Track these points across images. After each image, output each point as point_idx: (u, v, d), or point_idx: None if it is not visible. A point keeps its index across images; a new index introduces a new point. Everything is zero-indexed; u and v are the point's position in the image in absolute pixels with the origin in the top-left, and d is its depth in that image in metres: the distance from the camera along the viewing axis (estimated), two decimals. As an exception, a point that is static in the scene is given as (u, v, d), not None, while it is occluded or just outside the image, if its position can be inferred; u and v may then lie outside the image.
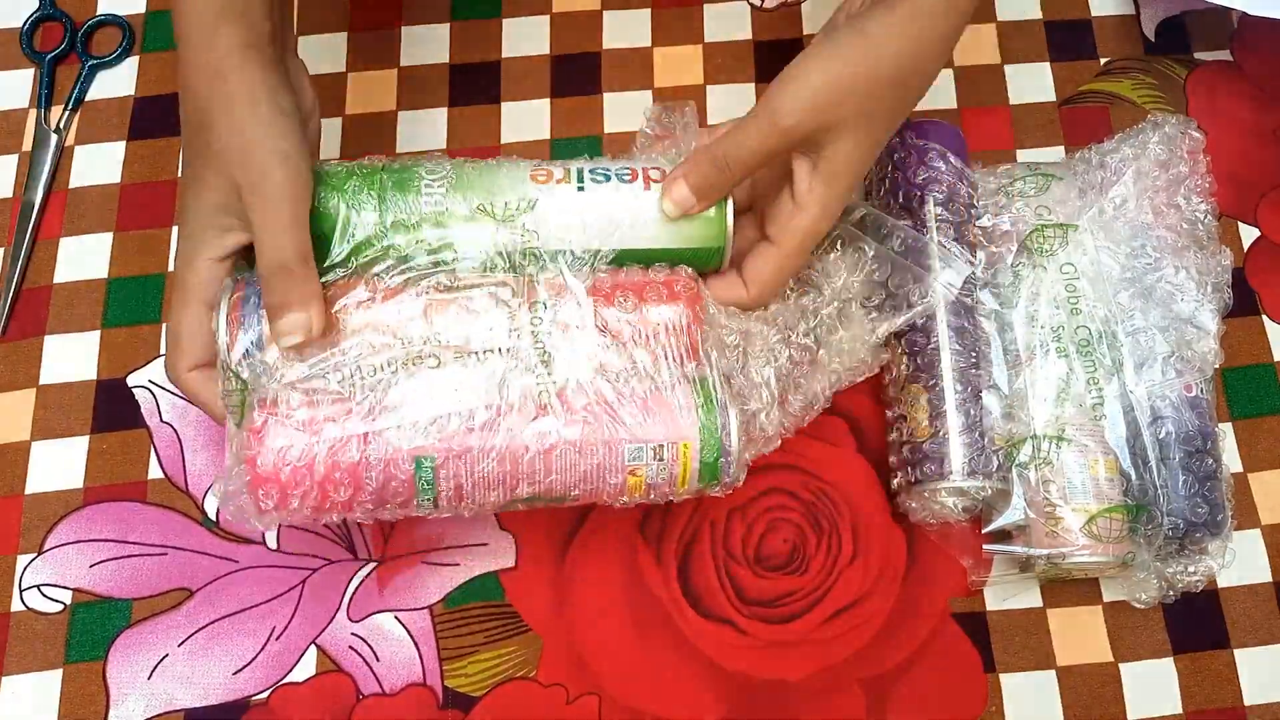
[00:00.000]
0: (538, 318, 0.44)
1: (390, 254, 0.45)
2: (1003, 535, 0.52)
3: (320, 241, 0.44)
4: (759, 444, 0.48)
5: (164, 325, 0.58)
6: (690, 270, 0.47)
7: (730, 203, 0.46)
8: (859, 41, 0.42)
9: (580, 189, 0.47)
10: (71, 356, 0.58)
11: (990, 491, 0.50)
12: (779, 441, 0.48)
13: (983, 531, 0.52)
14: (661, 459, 0.44)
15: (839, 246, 0.51)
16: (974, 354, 0.51)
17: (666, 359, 0.45)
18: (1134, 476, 0.50)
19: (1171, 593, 0.51)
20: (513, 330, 0.44)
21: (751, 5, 0.65)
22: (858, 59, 0.42)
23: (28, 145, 0.63)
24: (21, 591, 0.54)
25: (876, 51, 0.42)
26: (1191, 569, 0.50)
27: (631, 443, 0.44)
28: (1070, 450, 0.50)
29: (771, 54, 0.64)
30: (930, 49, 0.43)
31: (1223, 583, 0.53)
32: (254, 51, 0.43)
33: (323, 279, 0.44)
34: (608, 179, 0.47)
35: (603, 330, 0.45)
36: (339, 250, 0.45)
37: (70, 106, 0.63)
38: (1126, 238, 0.54)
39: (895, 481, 0.52)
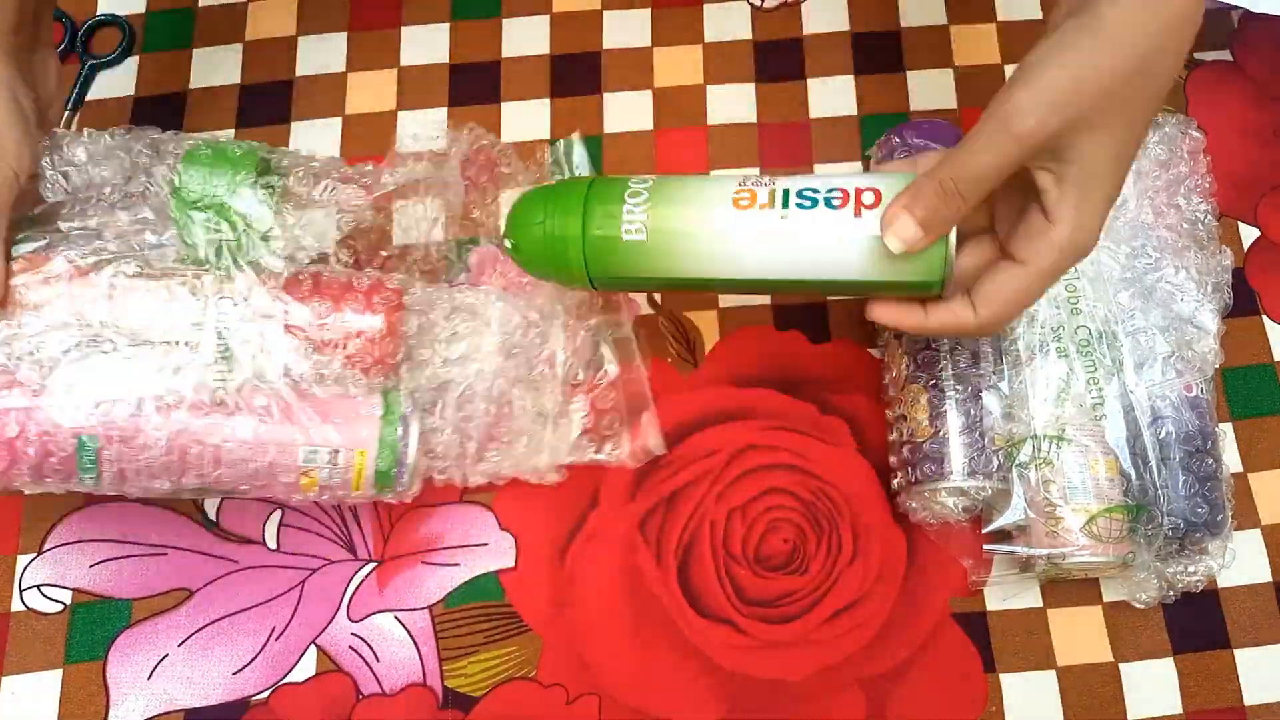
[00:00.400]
0: (224, 313, 0.44)
1: (96, 233, 0.46)
2: (1003, 535, 0.52)
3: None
4: (431, 467, 0.48)
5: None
6: (397, 281, 0.47)
7: (953, 233, 0.41)
8: (1092, 34, 0.37)
9: (784, 216, 0.43)
10: (71, 356, 0.58)
11: (990, 491, 0.50)
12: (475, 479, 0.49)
13: (983, 531, 0.52)
14: (336, 464, 0.45)
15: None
16: (974, 354, 0.51)
17: (353, 366, 0.45)
18: (1134, 476, 0.50)
19: (1171, 593, 0.51)
20: (196, 324, 0.44)
21: (751, 5, 0.65)
22: (1096, 50, 0.37)
23: (27, 145, 0.63)
24: (21, 591, 0.54)
25: (1114, 42, 0.37)
26: (1191, 569, 0.50)
27: (307, 445, 0.45)
28: (1070, 450, 0.50)
29: (771, 54, 0.64)
30: (1171, 31, 0.38)
31: (1223, 583, 0.53)
32: None
33: (25, 248, 0.45)
34: (815, 203, 0.43)
35: (292, 332, 0.45)
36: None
37: (70, 106, 0.63)
38: (1127, 238, 0.54)
39: (895, 481, 0.52)
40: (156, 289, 0.44)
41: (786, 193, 0.43)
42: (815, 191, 0.43)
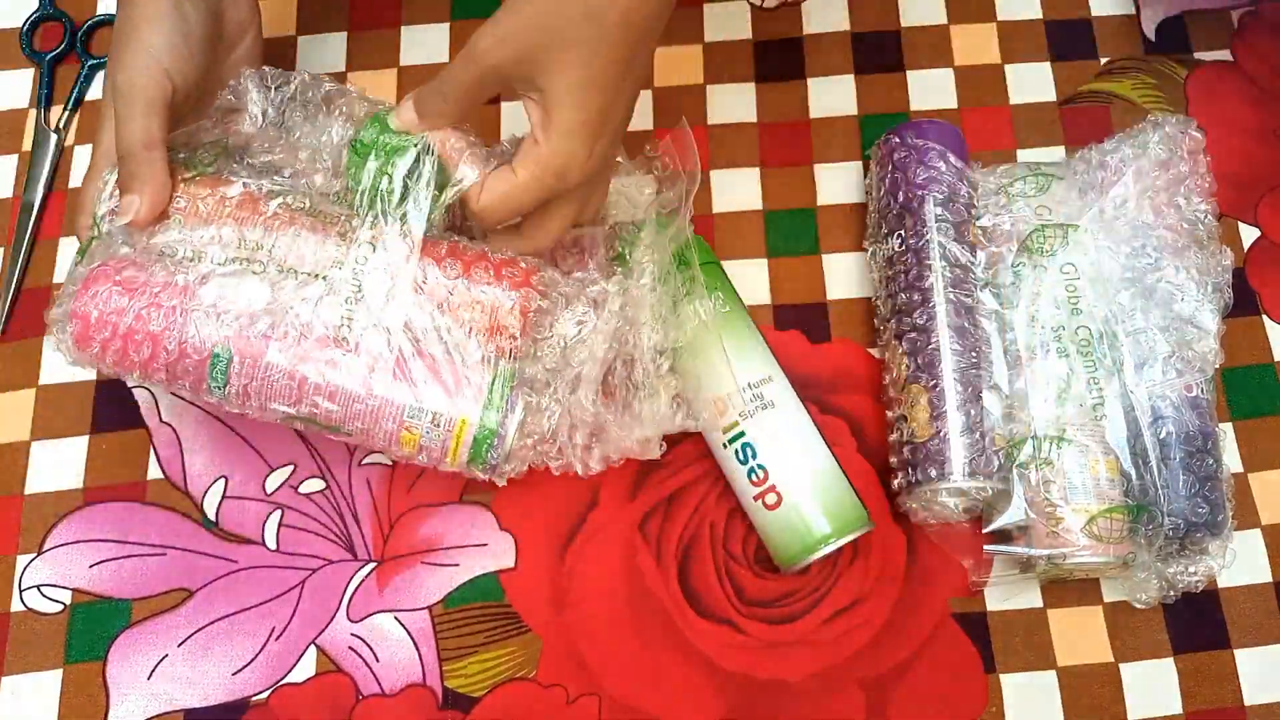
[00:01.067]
0: (363, 258, 0.46)
1: (276, 168, 0.49)
2: (1003, 535, 0.52)
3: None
4: (544, 453, 0.48)
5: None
6: (537, 262, 0.48)
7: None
8: None
9: (725, 445, 0.52)
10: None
11: (991, 492, 0.50)
12: (574, 467, 0.49)
13: (983, 531, 0.52)
14: (438, 425, 0.46)
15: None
16: (974, 354, 0.51)
17: (471, 334, 0.46)
18: (1134, 476, 0.50)
19: (1172, 593, 0.51)
20: (338, 263, 0.46)
21: (751, 5, 0.65)
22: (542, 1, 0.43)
23: (28, 145, 0.63)
24: (21, 591, 0.54)
25: None
26: (1192, 569, 0.50)
27: (413, 402, 0.46)
28: (1071, 450, 0.50)
29: (771, 54, 0.64)
30: None
31: (1223, 583, 0.53)
32: None
33: (217, 170, 0.48)
34: (744, 462, 0.51)
35: (419, 288, 0.46)
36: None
37: (70, 106, 0.63)
38: (1127, 238, 0.54)
39: (895, 482, 0.52)
40: (313, 225, 0.47)
41: (742, 434, 0.51)
42: (751, 456, 0.51)
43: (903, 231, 0.54)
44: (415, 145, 0.46)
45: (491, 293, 0.47)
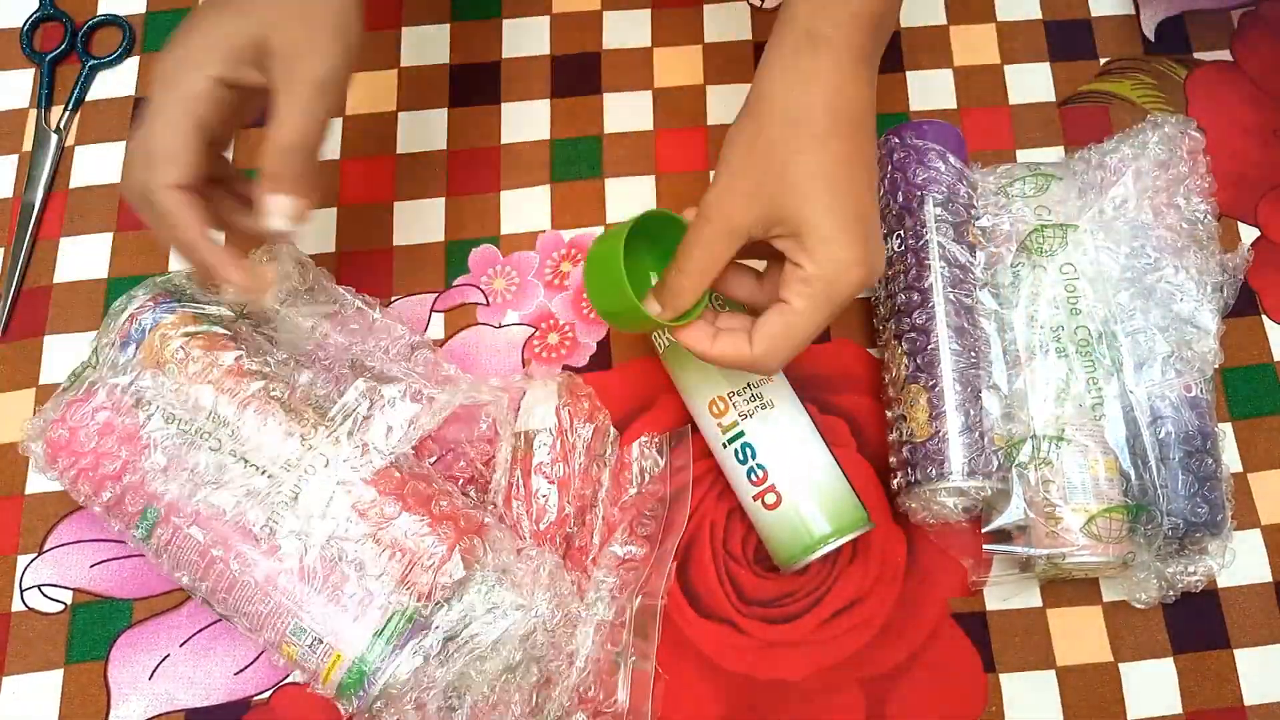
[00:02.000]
0: (311, 466, 0.47)
1: (271, 344, 0.51)
2: (1003, 535, 0.52)
3: None
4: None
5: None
6: (485, 522, 0.48)
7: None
8: (746, 109, 0.43)
9: (724, 446, 0.52)
10: (71, 357, 0.58)
11: (990, 491, 0.50)
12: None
13: (983, 531, 0.52)
14: (314, 650, 0.46)
15: None
16: (974, 354, 0.51)
17: (382, 575, 0.46)
18: (1134, 476, 0.50)
19: (1171, 593, 0.51)
20: (288, 463, 0.47)
21: (751, 5, 0.65)
22: (747, 125, 0.43)
23: (28, 145, 0.63)
24: (22, 591, 0.54)
25: (756, 110, 0.43)
26: (1191, 569, 0.50)
27: (302, 619, 0.46)
28: (1070, 450, 0.50)
29: (771, 54, 0.64)
30: (809, 84, 0.43)
31: (1223, 583, 0.53)
32: None
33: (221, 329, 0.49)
34: (744, 461, 0.51)
35: (358, 512, 0.46)
36: None
37: (70, 106, 0.63)
38: (1126, 238, 0.54)
39: (895, 482, 0.52)
40: (281, 420, 0.47)
41: (741, 434, 0.51)
42: (750, 455, 0.51)
43: (902, 232, 0.54)
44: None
45: (423, 541, 0.46)
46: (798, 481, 0.50)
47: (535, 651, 0.47)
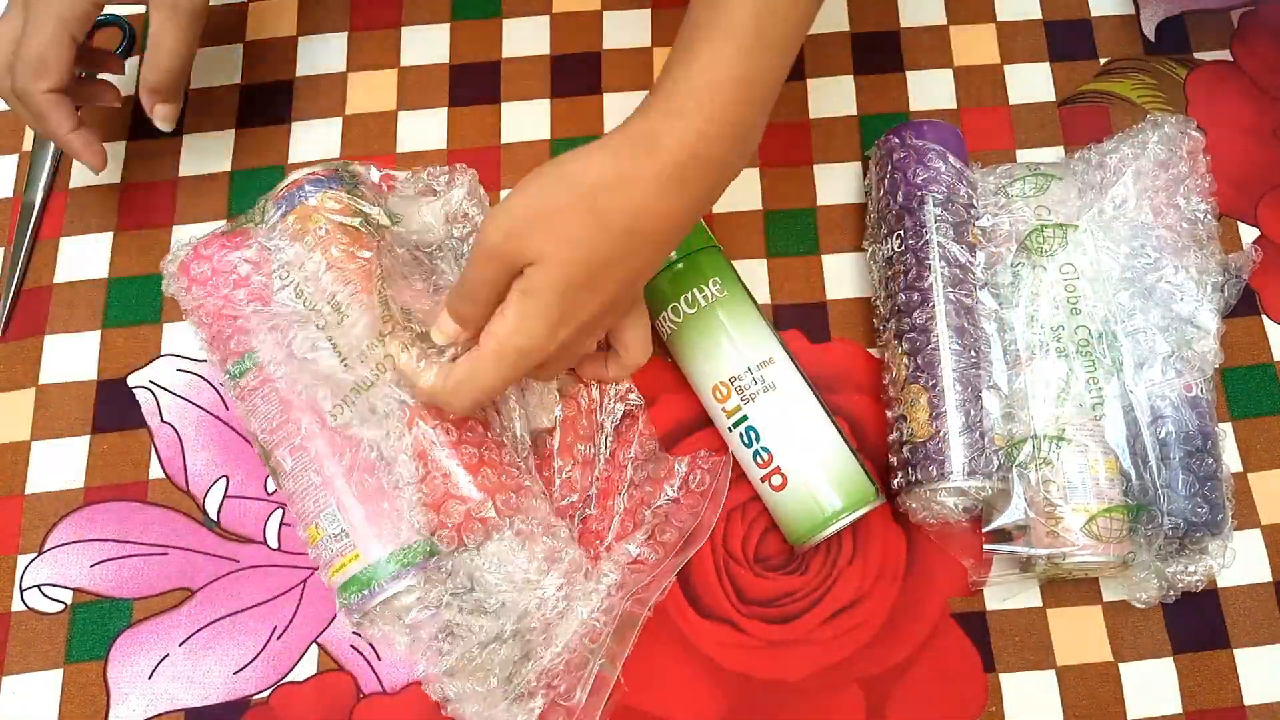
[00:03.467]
0: (383, 367, 0.48)
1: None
2: (1003, 535, 0.52)
3: None
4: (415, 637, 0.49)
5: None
6: (525, 484, 0.49)
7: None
8: (558, 172, 0.42)
9: (729, 430, 0.53)
10: (71, 356, 0.58)
11: (990, 491, 0.50)
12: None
13: (983, 531, 0.52)
14: (337, 542, 0.48)
15: None
16: (974, 354, 0.51)
17: (421, 498, 0.47)
18: (1134, 476, 0.50)
19: (1172, 592, 0.51)
20: (378, 363, 0.48)
21: (751, 5, 0.65)
22: (553, 188, 0.42)
23: (28, 145, 0.63)
24: (22, 591, 0.54)
25: (571, 181, 0.42)
26: (1191, 569, 0.50)
27: (339, 508, 0.48)
28: (1070, 450, 0.50)
29: (771, 54, 0.64)
30: (637, 185, 0.42)
31: (1223, 583, 0.53)
32: None
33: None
34: (749, 445, 0.52)
35: (419, 424, 0.48)
36: None
37: (70, 106, 0.63)
38: (1126, 238, 0.54)
39: (895, 481, 0.52)
40: (383, 320, 0.49)
41: (745, 419, 0.52)
42: (755, 439, 0.51)
43: (902, 232, 0.54)
44: None
45: (459, 475, 0.47)
46: (804, 461, 0.51)
47: (525, 624, 0.48)
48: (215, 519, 0.55)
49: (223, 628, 0.53)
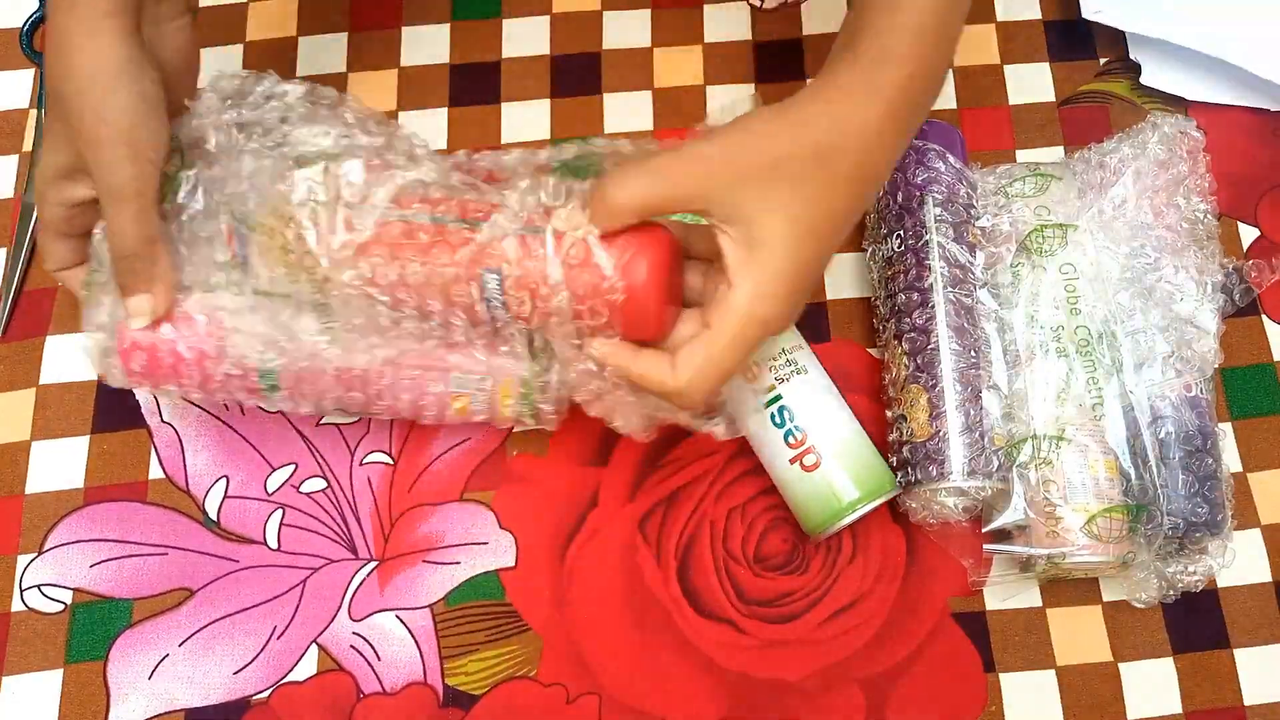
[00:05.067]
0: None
1: None
2: (1003, 535, 0.52)
3: None
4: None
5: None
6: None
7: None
8: (777, 118, 0.41)
9: (759, 410, 0.52)
10: (72, 356, 0.58)
11: (990, 492, 0.50)
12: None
13: (983, 531, 0.52)
14: (483, 390, 0.48)
15: None
16: (974, 354, 0.51)
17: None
18: (1134, 476, 0.50)
19: (1172, 592, 0.51)
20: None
21: (751, 6, 0.65)
22: (775, 133, 0.40)
23: (28, 145, 0.63)
24: (22, 591, 0.54)
25: (786, 118, 0.41)
26: (1191, 569, 0.50)
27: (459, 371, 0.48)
28: (1070, 450, 0.50)
29: (771, 54, 0.64)
30: (853, 131, 0.41)
31: (1223, 583, 0.53)
32: (113, 20, 0.42)
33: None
34: (781, 425, 0.52)
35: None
36: None
37: (71, 107, 0.63)
38: (1126, 238, 0.54)
39: (896, 481, 0.52)
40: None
41: (779, 398, 0.52)
42: (789, 418, 0.51)
43: (902, 232, 0.54)
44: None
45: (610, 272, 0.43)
46: (833, 444, 0.51)
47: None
48: (215, 519, 0.55)
49: (223, 628, 0.53)
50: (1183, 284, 0.53)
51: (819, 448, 0.51)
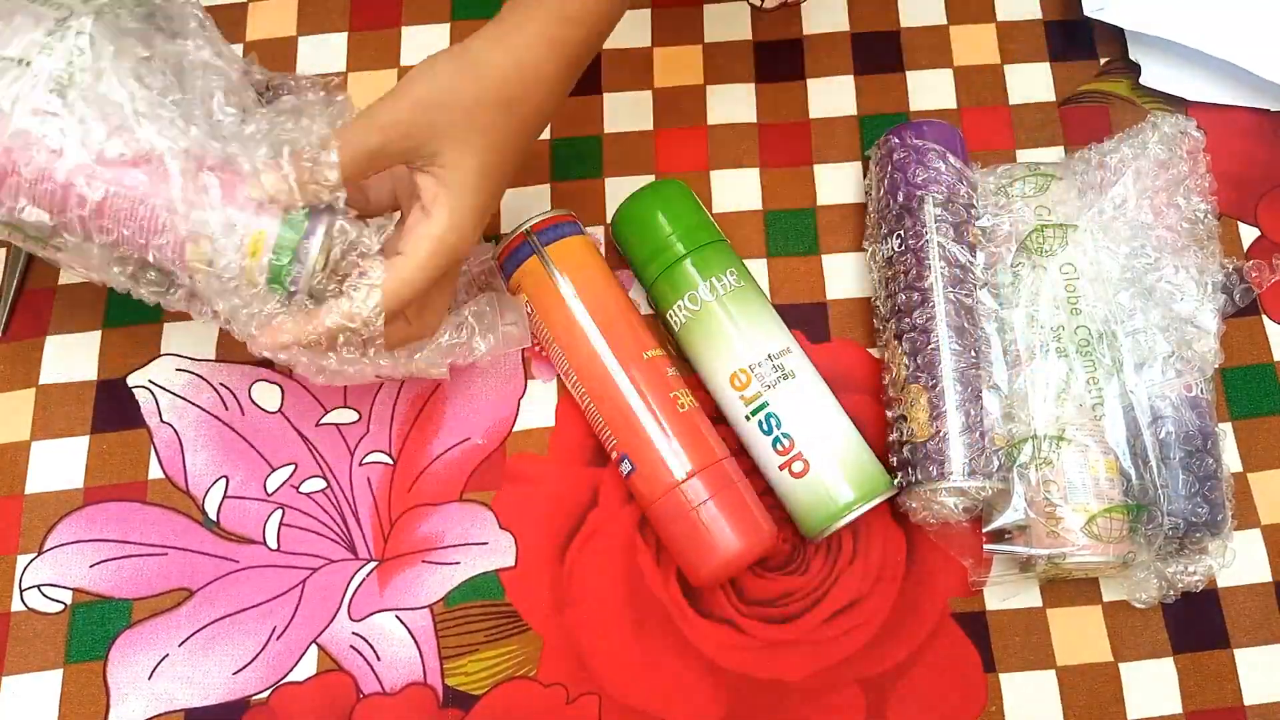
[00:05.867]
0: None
1: None
2: (1002, 535, 0.52)
3: None
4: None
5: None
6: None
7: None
8: (461, 57, 0.45)
9: (747, 419, 0.53)
10: (71, 356, 0.58)
11: (990, 491, 0.50)
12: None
13: (983, 531, 0.52)
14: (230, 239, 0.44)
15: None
16: (974, 354, 0.51)
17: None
18: (1134, 476, 0.50)
19: (1171, 592, 0.51)
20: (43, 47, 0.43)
21: (751, 5, 0.65)
22: (458, 72, 0.44)
23: (28, 145, 0.63)
24: (22, 591, 0.54)
25: (476, 69, 0.45)
26: (1192, 569, 0.50)
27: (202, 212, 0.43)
28: (1070, 450, 0.50)
29: (771, 54, 0.64)
30: (533, 74, 0.45)
31: (1223, 583, 0.53)
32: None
33: None
34: (769, 432, 0.52)
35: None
36: None
37: (70, 106, 0.63)
38: (1126, 238, 0.54)
39: (895, 482, 0.52)
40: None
41: (765, 405, 0.52)
42: (775, 425, 0.52)
43: (902, 232, 0.54)
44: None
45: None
46: (822, 449, 0.51)
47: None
48: (215, 519, 0.55)
49: (222, 628, 0.53)
50: (1183, 284, 0.53)
51: (807, 453, 0.51)
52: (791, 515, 0.52)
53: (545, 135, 0.62)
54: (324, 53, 0.64)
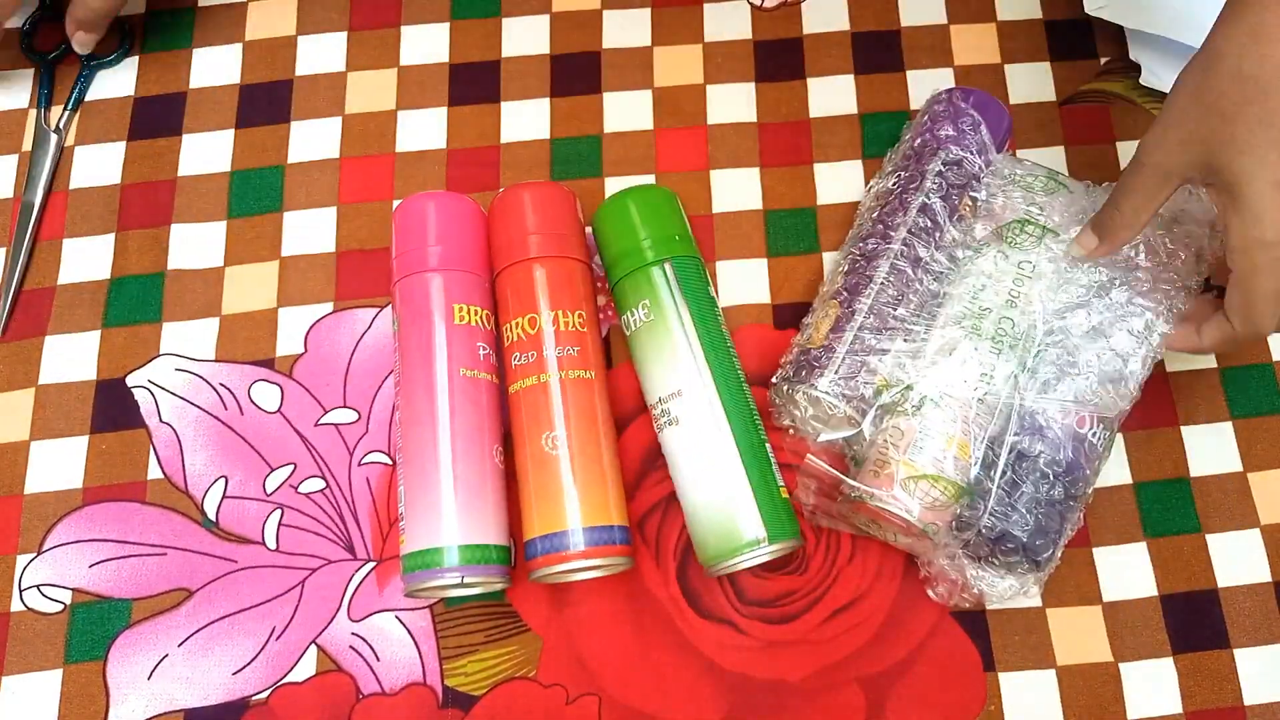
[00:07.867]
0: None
1: None
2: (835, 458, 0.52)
3: None
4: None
5: (165, 324, 0.58)
6: None
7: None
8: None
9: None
10: (71, 356, 0.58)
11: (843, 414, 0.50)
12: None
13: (818, 440, 0.52)
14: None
15: None
16: (900, 296, 0.51)
17: None
18: (977, 468, 0.49)
19: (957, 600, 0.51)
20: None
21: (751, 5, 0.65)
22: (1193, 74, 0.44)
23: (28, 145, 0.63)
24: (21, 591, 0.54)
25: (1204, 63, 0.44)
26: (990, 582, 0.49)
27: None
28: (935, 414, 0.49)
29: (771, 53, 0.64)
30: (1259, 39, 0.43)
31: (1223, 583, 0.53)
32: None
33: None
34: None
35: None
36: None
37: (70, 106, 0.63)
38: (1104, 264, 0.52)
39: (774, 376, 0.53)
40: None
41: (662, 443, 0.52)
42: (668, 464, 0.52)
43: (901, 174, 0.55)
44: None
45: None
46: (694, 498, 0.51)
47: None
48: (214, 519, 0.55)
49: (222, 628, 0.53)
50: (1131, 325, 0.51)
51: (683, 500, 0.51)
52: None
53: (545, 134, 0.62)
54: (323, 52, 0.64)
